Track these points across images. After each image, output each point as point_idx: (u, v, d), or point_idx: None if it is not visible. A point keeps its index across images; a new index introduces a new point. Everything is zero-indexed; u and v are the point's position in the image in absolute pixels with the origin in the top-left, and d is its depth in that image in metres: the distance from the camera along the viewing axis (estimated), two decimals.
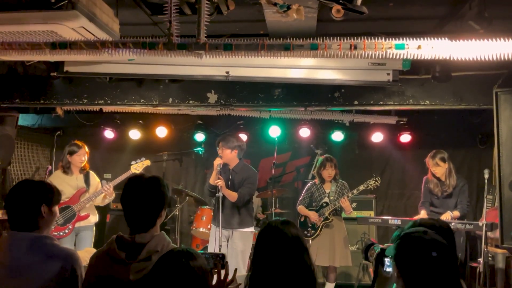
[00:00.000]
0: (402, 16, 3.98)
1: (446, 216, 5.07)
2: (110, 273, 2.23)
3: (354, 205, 6.49)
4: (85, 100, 5.14)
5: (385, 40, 2.70)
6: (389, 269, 2.18)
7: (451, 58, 2.81)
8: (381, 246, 2.32)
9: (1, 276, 2.29)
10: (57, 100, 5.18)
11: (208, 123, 6.95)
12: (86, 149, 5.35)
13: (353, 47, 2.68)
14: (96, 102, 5.17)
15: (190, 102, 5.06)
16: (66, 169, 5.29)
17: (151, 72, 4.44)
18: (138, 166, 5.45)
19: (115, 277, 2.22)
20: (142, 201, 2.29)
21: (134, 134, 7.03)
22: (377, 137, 6.74)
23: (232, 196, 4.98)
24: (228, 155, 5.11)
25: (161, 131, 6.97)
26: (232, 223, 5.04)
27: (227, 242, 5.04)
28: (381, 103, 4.89)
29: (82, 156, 5.27)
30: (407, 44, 2.70)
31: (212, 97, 5.00)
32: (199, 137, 6.89)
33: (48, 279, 2.30)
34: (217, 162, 4.97)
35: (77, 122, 6.55)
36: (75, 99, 5.14)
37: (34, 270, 2.30)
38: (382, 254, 2.23)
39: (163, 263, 2.05)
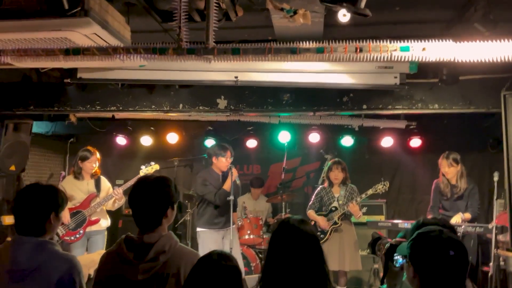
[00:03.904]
0: (409, 20, 4.02)
1: (457, 218, 5.06)
2: (119, 273, 2.28)
3: (364, 209, 6.47)
4: (98, 107, 5.24)
5: (390, 42, 2.74)
6: (398, 264, 2.18)
7: (456, 60, 2.83)
8: (389, 240, 2.32)
9: (3, 281, 2.30)
10: (71, 106, 5.29)
11: (218, 129, 7.02)
12: (98, 155, 5.44)
13: (358, 50, 2.72)
14: (108, 109, 5.27)
15: (200, 107, 5.13)
16: (77, 175, 5.38)
17: (162, 78, 4.53)
18: (147, 171, 5.53)
19: (124, 277, 2.26)
20: (146, 199, 2.34)
21: (146, 140, 7.13)
22: (387, 141, 6.75)
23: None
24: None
25: (172, 138, 7.06)
26: (227, 223, 5.36)
27: (222, 241, 5.33)
28: (390, 107, 4.92)
29: (93, 163, 5.36)
30: (412, 46, 2.74)
31: (222, 102, 5.07)
32: (210, 143, 6.95)
33: (47, 285, 2.31)
34: (236, 173, 5.30)
35: (90, 129, 6.65)
36: (88, 106, 5.24)
37: (34, 276, 2.31)
38: (392, 249, 2.22)
39: (203, 265, 2.07)
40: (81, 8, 2.74)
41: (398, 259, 2.17)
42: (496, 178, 4.76)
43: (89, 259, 3.85)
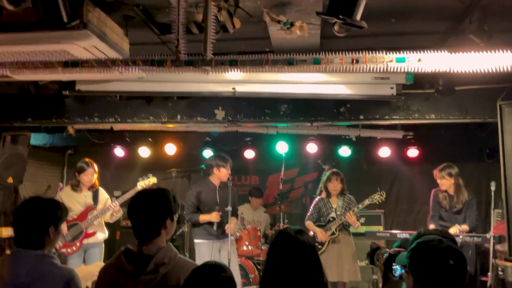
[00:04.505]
0: (405, 31, 4.06)
1: (454, 230, 5.06)
2: (118, 285, 2.28)
3: (362, 220, 6.50)
4: (96, 119, 5.25)
5: (386, 54, 2.77)
6: (398, 273, 2.18)
7: (451, 71, 2.87)
8: (388, 250, 2.33)
9: None
10: (69, 118, 5.30)
11: (216, 140, 7.04)
12: (95, 167, 5.42)
13: (355, 61, 2.75)
14: (106, 120, 5.28)
15: (198, 118, 5.15)
16: (75, 187, 5.36)
17: (160, 90, 4.55)
18: (144, 184, 5.53)
19: None
20: (145, 210, 2.35)
21: (144, 151, 7.14)
22: (384, 152, 6.77)
23: (236, 221, 5.64)
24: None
25: (170, 149, 7.07)
26: (224, 234, 5.31)
27: (219, 252, 5.31)
28: (387, 117, 4.95)
29: (90, 175, 5.33)
30: (408, 58, 2.77)
31: (220, 113, 5.09)
32: (208, 154, 6.96)
33: None
34: (217, 218, 5.26)
35: (88, 141, 6.65)
36: (86, 118, 5.25)
37: None
38: (390, 259, 2.23)
39: (197, 277, 2.09)
40: (80, 21, 2.77)
41: (397, 268, 2.17)
42: (493, 188, 4.78)
43: (86, 271, 3.82)
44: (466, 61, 2.81)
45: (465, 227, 5.13)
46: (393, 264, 2.19)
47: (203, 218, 5.29)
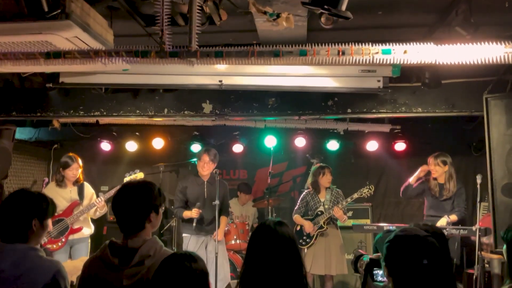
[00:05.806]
0: (392, 24, 4.06)
1: (442, 222, 5.10)
2: (103, 278, 2.26)
3: (350, 213, 6.52)
4: (81, 112, 5.18)
5: (372, 45, 2.76)
6: (379, 279, 2.19)
7: (437, 63, 2.87)
8: (370, 256, 2.33)
9: None
10: (54, 112, 5.22)
11: (204, 134, 7.00)
12: (80, 162, 5.35)
13: (341, 53, 2.74)
14: (92, 114, 5.21)
15: (185, 112, 5.11)
16: (60, 182, 5.30)
17: (146, 82, 4.48)
18: (131, 179, 5.48)
19: (109, 283, 2.24)
20: (128, 203, 2.33)
21: (131, 146, 7.08)
22: (372, 145, 6.79)
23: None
24: (211, 169, 5.33)
25: (158, 143, 7.01)
26: (212, 229, 5.26)
27: (206, 247, 5.27)
28: (374, 111, 4.95)
29: (74, 170, 5.26)
30: (393, 49, 2.76)
31: (207, 107, 5.06)
32: (196, 148, 6.91)
33: None
34: (197, 215, 5.13)
35: (74, 135, 6.58)
36: (71, 111, 5.18)
37: (19, 283, 2.29)
38: (371, 264, 2.24)
39: (166, 266, 2.06)
40: (62, 11, 2.71)
41: (378, 273, 2.18)
42: (479, 181, 4.81)
43: (71, 266, 3.80)
44: (452, 53, 2.82)
45: (453, 217, 5.16)
46: (374, 269, 2.20)
47: (186, 214, 5.23)
